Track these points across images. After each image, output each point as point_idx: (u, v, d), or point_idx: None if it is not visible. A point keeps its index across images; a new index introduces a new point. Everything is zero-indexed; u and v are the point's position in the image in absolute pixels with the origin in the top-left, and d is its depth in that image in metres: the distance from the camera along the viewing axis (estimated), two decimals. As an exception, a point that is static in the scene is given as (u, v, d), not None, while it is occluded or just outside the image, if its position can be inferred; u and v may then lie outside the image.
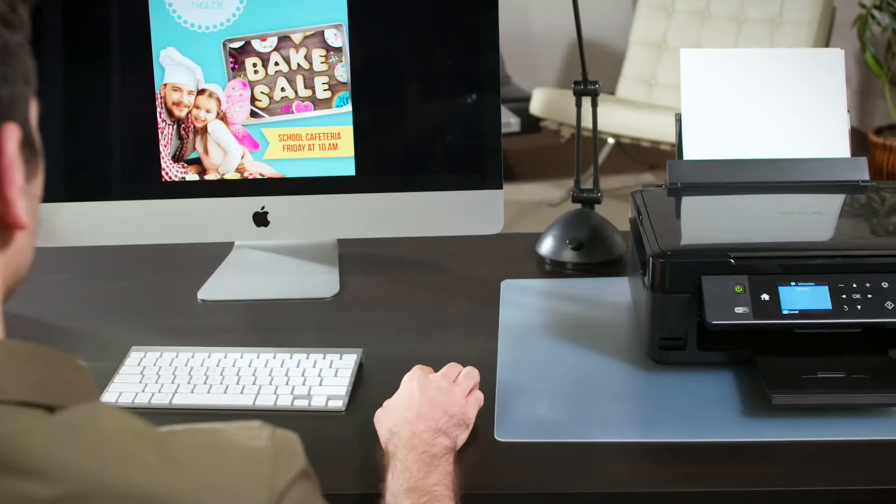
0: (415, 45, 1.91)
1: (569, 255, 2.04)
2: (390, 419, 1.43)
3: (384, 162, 1.93)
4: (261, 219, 1.95)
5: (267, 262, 2.05)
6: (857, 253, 1.59)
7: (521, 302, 1.91)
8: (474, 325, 1.83)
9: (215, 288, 2.00)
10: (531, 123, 5.61)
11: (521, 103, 5.60)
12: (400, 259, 2.13)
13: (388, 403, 1.48)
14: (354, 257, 2.11)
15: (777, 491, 1.39)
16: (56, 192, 1.91)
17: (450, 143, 1.93)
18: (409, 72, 1.92)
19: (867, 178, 1.85)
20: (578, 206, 2.12)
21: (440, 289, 2.00)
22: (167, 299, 1.99)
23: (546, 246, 2.08)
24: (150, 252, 2.12)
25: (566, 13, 2.02)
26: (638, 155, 5.79)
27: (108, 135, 1.93)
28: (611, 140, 5.43)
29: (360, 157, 1.92)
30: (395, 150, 1.94)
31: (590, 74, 2.03)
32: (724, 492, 1.40)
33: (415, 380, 1.47)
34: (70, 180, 1.93)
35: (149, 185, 1.94)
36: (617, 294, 1.89)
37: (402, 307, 1.93)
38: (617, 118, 5.16)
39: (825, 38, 5.38)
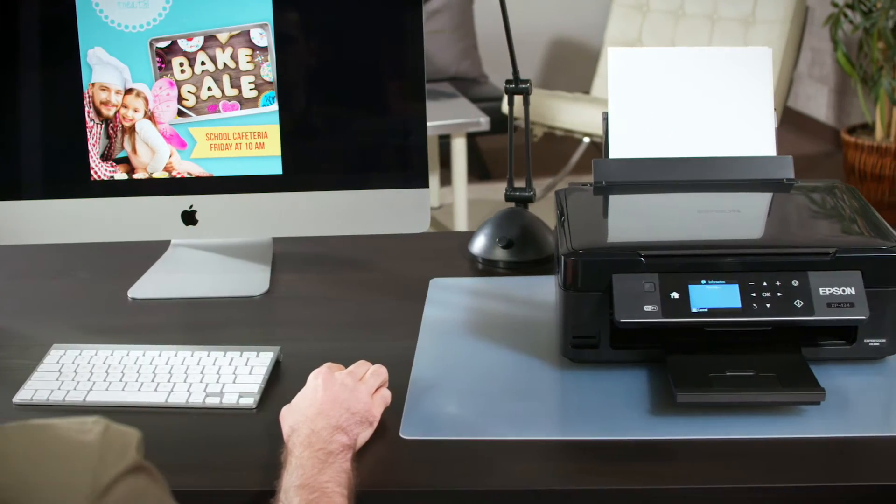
0: (340, 45, 1.91)
1: (500, 254, 2.05)
2: (293, 416, 1.44)
3: (311, 161, 1.94)
4: (189, 217, 1.96)
5: (200, 261, 2.06)
6: (768, 251, 1.59)
7: (447, 300, 1.92)
8: (398, 324, 1.83)
9: (146, 286, 2.01)
10: (500, 122, 5.61)
11: (496, 102, 5.61)
12: (335, 257, 2.14)
13: (293, 401, 1.48)
14: (290, 256, 2.12)
15: (678, 489, 1.39)
16: (-15, 190, 1.92)
17: (376, 142, 1.94)
18: (334, 71, 1.93)
19: (792, 176, 1.86)
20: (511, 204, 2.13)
21: (370, 287, 2.00)
22: (98, 298, 2.00)
23: (478, 245, 2.08)
24: (88, 251, 2.13)
25: (545, 13, 2.02)
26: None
27: (36, 134, 1.93)
28: (586, 139, 5.43)
29: (286, 156, 1.92)
30: (321, 149, 1.94)
31: (565, 73, 2.05)
32: (627, 489, 1.40)
33: (320, 377, 1.48)
34: (-1, 179, 1.94)
35: (78, 184, 1.95)
36: (544, 293, 1.89)
37: (328, 305, 1.93)
38: (591, 117, 5.17)
39: (798, 37, 5.39)
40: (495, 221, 2.09)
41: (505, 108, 5.31)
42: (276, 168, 1.92)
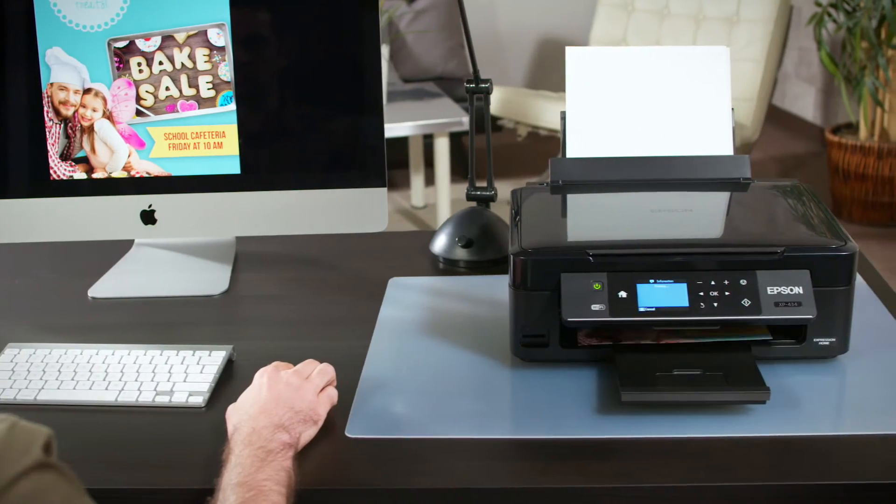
0: (297, 45, 1.92)
1: (460, 253, 2.05)
2: (237, 414, 1.45)
3: (268, 160, 1.95)
4: (148, 217, 1.96)
5: (162, 260, 2.07)
6: (716, 250, 1.60)
7: (405, 299, 1.92)
8: (354, 323, 1.83)
9: (107, 286, 2.02)
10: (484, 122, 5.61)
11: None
12: (298, 257, 2.14)
13: (239, 399, 1.49)
14: (253, 255, 2.13)
15: (621, 487, 1.39)
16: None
17: (333, 142, 1.94)
18: (291, 71, 1.93)
19: (748, 175, 1.86)
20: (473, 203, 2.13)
21: (329, 286, 2.01)
22: (58, 297, 2.00)
23: (439, 244, 2.09)
24: (51, 250, 2.14)
25: (532, 13, 2.02)
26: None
27: (-5, 133, 1.94)
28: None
29: (244, 156, 1.93)
30: (279, 149, 1.95)
31: (552, 73, 2.04)
32: (571, 488, 1.40)
33: (265, 376, 1.49)
34: (-42, 179, 1.94)
35: (37, 183, 1.95)
36: (502, 292, 1.86)
37: (286, 304, 1.94)
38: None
39: (782, 37, 5.39)
40: (456, 221, 2.09)
41: (490, 106, 5.34)
42: (234, 168, 1.93)
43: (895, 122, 5.20)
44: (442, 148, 5.00)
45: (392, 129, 4.93)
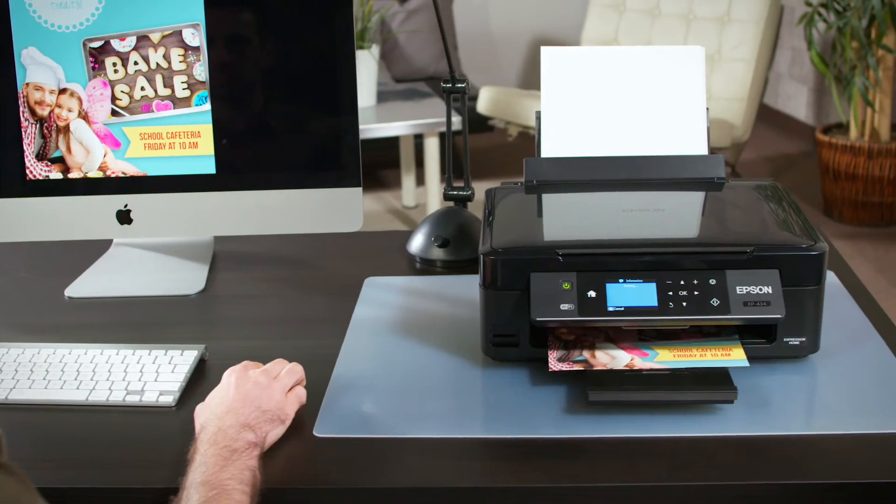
0: (272, 45, 1.92)
1: (437, 253, 2.06)
2: (204, 413, 1.45)
3: (244, 160, 1.95)
4: (124, 217, 1.97)
5: (139, 260, 2.07)
6: (685, 250, 1.60)
7: (380, 299, 1.92)
8: (328, 322, 1.84)
9: (84, 285, 2.02)
10: (479, 122, 5.62)
11: (473, 102, 5.61)
12: (275, 256, 2.15)
13: (207, 398, 1.49)
14: (231, 255, 2.13)
15: (588, 487, 1.40)
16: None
17: (308, 142, 1.94)
18: (266, 71, 1.94)
19: (723, 175, 1.86)
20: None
21: (306, 286, 2.01)
22: (34, 296, 2.01)
23: (415, 244, 2.09)
24: (29, 250, 2.15)
25: (526, 12, 2.02)
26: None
27: (-29, 134, 1.94)
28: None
29: (220, 156, 1.93)
30: (254, 149, 1.95)
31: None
32: (536, 487, 1.40)
33: (233, 375, 1.49)
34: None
35: (13, 183, 1.96)
36: (477, 291, 1.89)
37: (261, 304, 1.94)
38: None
39: (773, 36, 5.40)
40: (432, 220, 2.10)
41: (480, 107, 5.36)
42: (209, 167, 1.93)
43: (885, 122, 5.20)
44: (432, 148, 5.00)
45: (383, 129, 4.94)
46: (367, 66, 4.89)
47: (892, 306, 4.12)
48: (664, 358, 1.54)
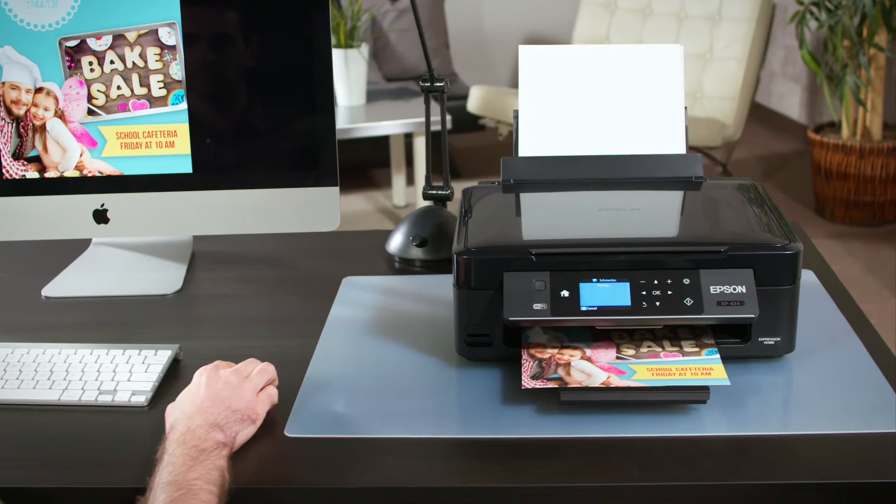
0: (248, 44, 1.93)
1: (415, 253, 2.06)
2: (174, 413, 1.46)
3: (220, 159, 1.95)
4: (101, 216, 1.97)
5: (117, 259, 2.07)
6: (659, 249, 1.60)
7: (357, 299, 1.93)
8: (304, 322, 1.84)
9: (61, 285, 2.02)
10: (469, 121, 5.63)
11: (463, 101, 5.62)
12: (254, 256, 2.15)
13: (178, 397, 1.50)
14: (210, 254, 2.14)
15: (559, 487, 1.40)
16: None
17: (285, 141, 1.95)
18: (243, 70, 1.94)
19: (701, 174, 1.86)
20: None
21: (283, 285, 2.02)
22: (11, 296, 2.01)
23: (394, 243, 2.09)
24: (7, 249, 2.15)
25: (518, 11, 2.03)
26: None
27: (-53, 133, 1.94)
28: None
29: (196, 155, 1.94)
30: (230, 148, 1.95)
31: None
32: (506, 487, 1.40)
33: (204, 375, 1.50)
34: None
35: (-11, 183, 1.96)
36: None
37: (238, 303, 1.95)
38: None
39: (765, 35, 5.41)
40: (411, 220, 2.10)
41: (470, 106, 5.36)
42: (186, 167, 1.94)
43: (877, 122, 5.20)
44: (422, 147, 5.01)
45: (373, 129, 4.95)
46: (356, 65, 4.90)
47: (883, 306, 4.13)
48: (642, 376, 1.51)
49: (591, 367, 1.53)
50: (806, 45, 5.14)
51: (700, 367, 1.53)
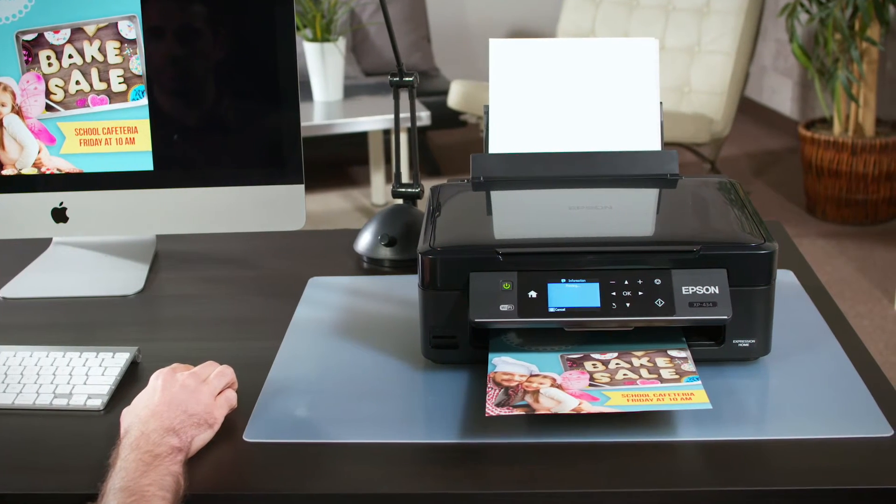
0: (210, 38, 1.93)
1: (384, 252, 2.06)
2: (128, 417, 1.46)
3: (182, 156, 1.96)
4: (59, 215, 1.97)
5: (77, 259, 2.08)
6: (629, 249, 1.61)
7: (323, 300, 1.93)
8: (267, 324, 1.85)
9: (20, 286, 2.03)
10: (450, 117, 5.63)
11: (444, 96, 5.62)
12: (218, 256, 2.15)
13: (133, 401, 1.50)
14: (173, 254, 2.14)
15: (525, 493, 1.40)
16: None
17: (249, 138, 1.95)
18: (205, 64, 1.94)
19: (676, 171, 1.87)
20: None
21: (247, 286, 2.02)
22: (-32, 297, 2.01)
23: (362, 243, 2.10)
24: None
25: (502, 3, 2.03)
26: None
27: None
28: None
29: (157, 152, 1.94)
30: (193, 145, 1.96)
31: None
32: (470, 494, 1.41)
33: (160, 378, 1.50)
34: None
35: (-55, 180, 1.96)
36: (423, 292, 1.90)
37: (200, 304, 1.95)
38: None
39: (754, 28, 5.42)
40: (380, 218, 2.11)
41: (451, 101, 5.36)
42: (146, 164, 1.94)
43: (870, 117, 5.21)
44: (402, 144, 5.01)
45: (351, 125, 4.95)
46: (333, 60, 4.90)
47: (875, 307, 4.15)
48: (616, 402, 1.46)
49: (561, 394, 1.48)
50: (796, 39, 5.16)
51: (680, 392, 1.48)
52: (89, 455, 1.48)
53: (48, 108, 1.93)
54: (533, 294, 1.57)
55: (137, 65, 1.91)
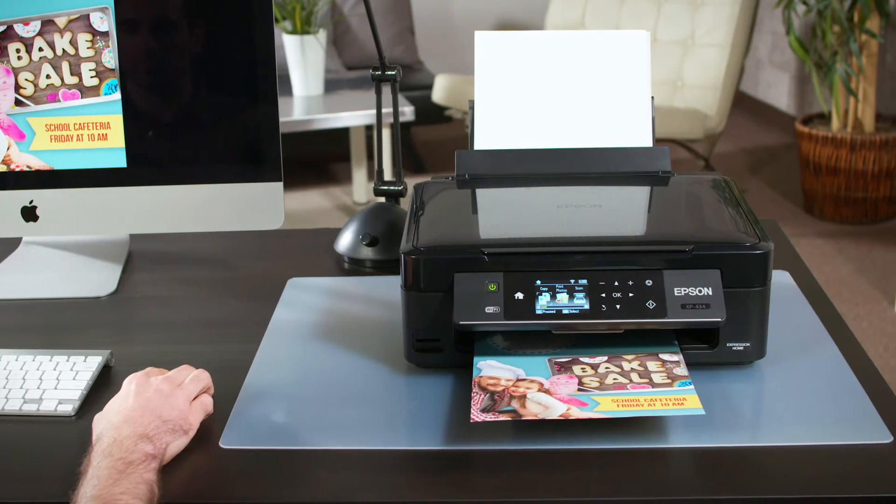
0: (185, 31, 1.93)
1: (365, 252, 2.06)
2: (101, 423, 1.46)
3: (157, 153, 1.96)
4: (29, 213, 1.97)
5: (48, 260, 2.07)
6: (619, 249, 1.61)
7: (302, 301, 1.93)
8: (245, 326, 1.85)
9: (-13, 287, 2.02)
10: (435, 112, 5.62)
11: (428, 91, 5.62)
12: (193, 256, 2.15)
13: (106, 406, 1.50)
14: (147, 254, 2.14)
15: (512, 502, 1.40)
16: None
17: (226, 134, 1.95)
18: (180, 58, 1.94)
19: (668, 168, 1.87)
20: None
21: (224, 287, 2.02)
22: (-66, 299, 2.01)
23: (343, 243, 2.10)
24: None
25: None
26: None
27: None
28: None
29: (131, 148, 1.94)
30: (168, 141, 1.96)
31: None
32: (454, 502, 1.41)
33: (134, 382, 1.50)
34: None
35: None
36: (405, 293, 1.90)
37: (175, 306, 1.95)
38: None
39: (749, 20, 5.42)
40: (361, 217, 2.11)
41: (436, 96, 5.36)
42: (120, 161, 1.94)
43: (869, 113, 5.22)
44: (385, 140, 5.00)
45: (332, 120, 4.95)
46: (313, 53, 4.90)
47: (873, 308, 4.16)
48: (606, 407, 1.45)
49: (548, 399, 1.47)
50: (793, 31, 5.16)
51: (672, 397, 1.47)
52: (60, 462, 1.48)
53: (18, 102, 1.92)
54: (520, 295, 1.57)
55: (110, 58, 1.91)
